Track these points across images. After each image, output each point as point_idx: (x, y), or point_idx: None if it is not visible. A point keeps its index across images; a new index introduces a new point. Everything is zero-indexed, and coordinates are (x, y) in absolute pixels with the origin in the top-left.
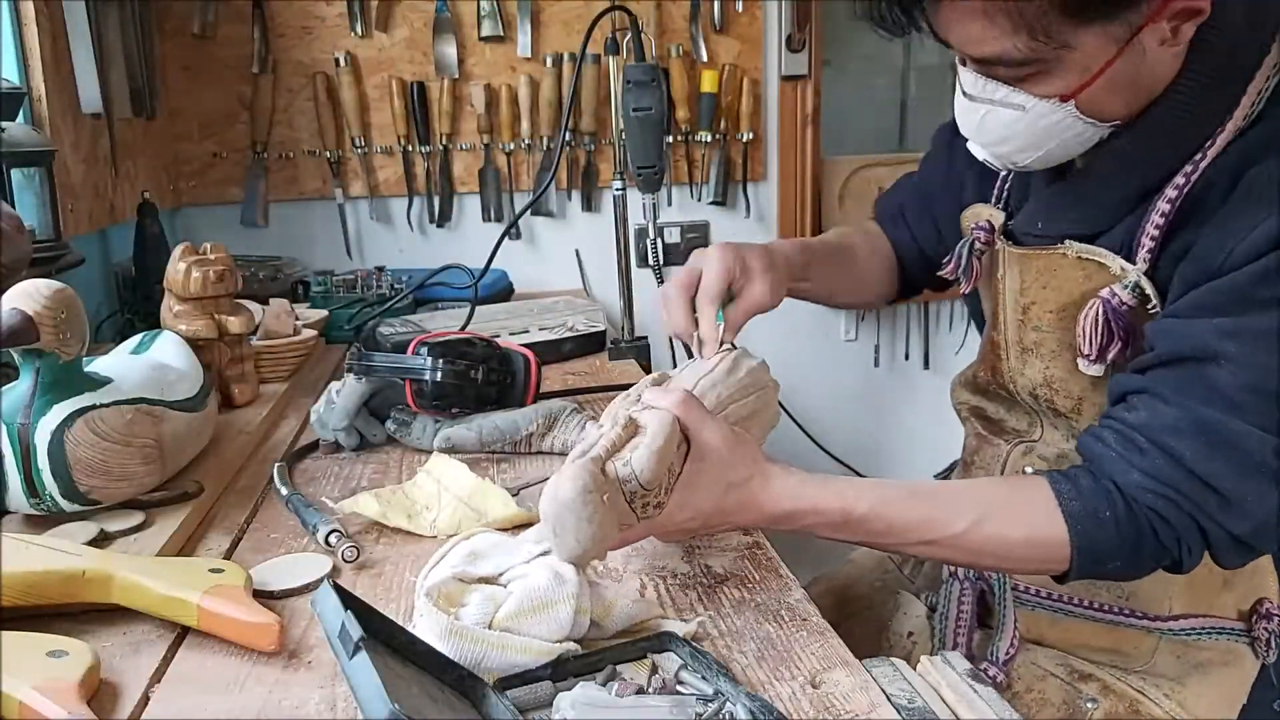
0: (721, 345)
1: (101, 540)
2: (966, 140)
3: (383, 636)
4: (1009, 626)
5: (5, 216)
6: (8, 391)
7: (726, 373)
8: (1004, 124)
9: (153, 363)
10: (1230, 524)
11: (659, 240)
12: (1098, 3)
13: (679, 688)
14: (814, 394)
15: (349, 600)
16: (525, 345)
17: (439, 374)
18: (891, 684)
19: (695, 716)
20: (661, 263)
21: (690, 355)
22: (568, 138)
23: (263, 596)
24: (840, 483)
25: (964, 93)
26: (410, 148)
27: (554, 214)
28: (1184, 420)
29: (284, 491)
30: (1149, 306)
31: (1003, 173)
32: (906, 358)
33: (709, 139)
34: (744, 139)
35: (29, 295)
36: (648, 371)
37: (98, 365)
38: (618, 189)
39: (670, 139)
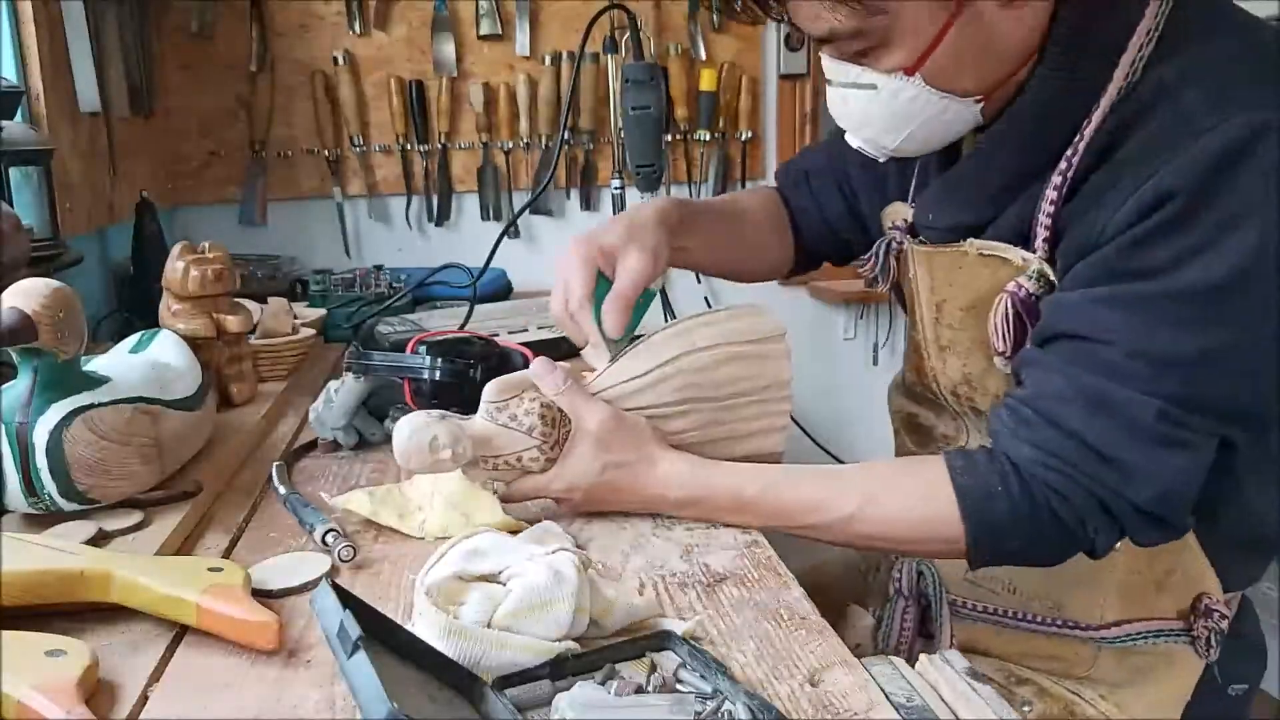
0: (618, 343)
1: (100, 539)
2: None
3: (381, 635)
4: (945, 636)
5: (4, 215)
6: (6, 391)
7: (638, 373)
8: (862, 106)
9: (151, 362)
10: (1129, 492)
11: None
12: None
13: (678, 686)
14: (813, 392)
15: (347, 599)
16: (524, 344)
17: (438, 373)
18: (890, 682)
19: (694, 715)
20: None
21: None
22: (566, 136)
23: (261, 595)
24: (734, 467)
25: (827, 81)
26: (409, 146)
27: (553, 213)
28: (1068, 388)
29: (282, 491)
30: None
31: (912, 169)
32: None
33: (708, 138)
34: (743, 138)
35: (27, 294)
36: None
37: (96, 364)
38: (616, 187)
39: (669, 138)
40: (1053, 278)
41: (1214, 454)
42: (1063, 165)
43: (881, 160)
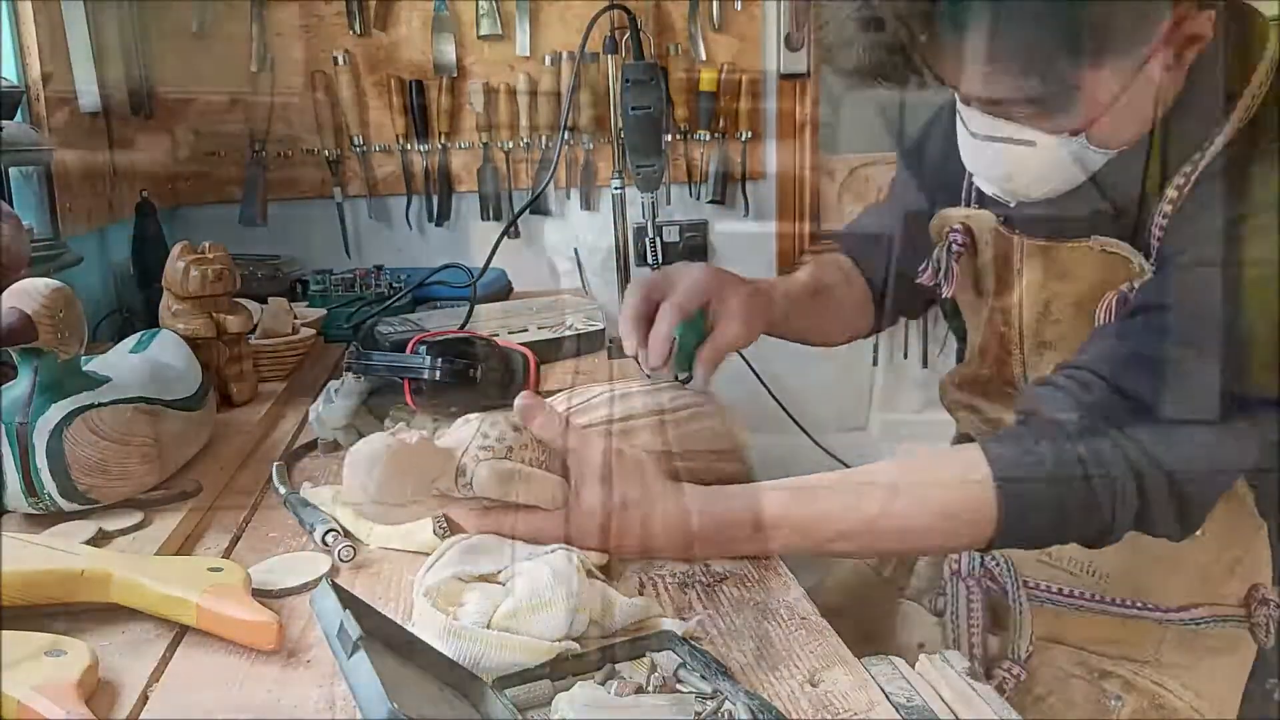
0: (679, 378)
1: (100, 539)
2: (971, 174)
3: (381, 636)
4: (1026, 624)
5: (4, 215)
6: (6, 391)
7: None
8: (1014, 160)
9: (151, 362)
10: (1170, 458)
11: (658, 239)
12: (1109, 44)
13: (678, 686)
14: (812, 391)
15: (347, 599)
16: (524, 344)
17: (438, 373)
18: (890, 682)
19: (694, 715)
20: (660, 261)
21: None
22: (566, 136)
23: (261, 595)
24: (746, 487)
25: (970, 133)
26: (409, 146)
27: (553, 213)
28: (1136, 356)
29: (282, 491)
30: None
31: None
32: (905, 356)
33: (708, 138)
34: (743, 138)
35: (27, 294)
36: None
37: (96, 364)
38: (616, 188)
39: (669, 138)
40: None
41: (1258, 454)
42: (1179, 180)
43: (1012, 205)
